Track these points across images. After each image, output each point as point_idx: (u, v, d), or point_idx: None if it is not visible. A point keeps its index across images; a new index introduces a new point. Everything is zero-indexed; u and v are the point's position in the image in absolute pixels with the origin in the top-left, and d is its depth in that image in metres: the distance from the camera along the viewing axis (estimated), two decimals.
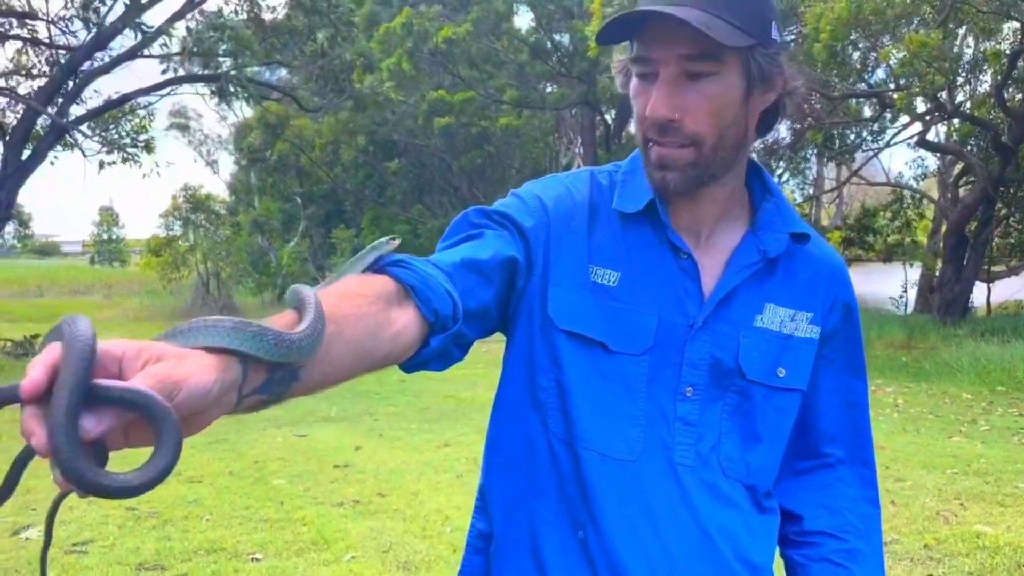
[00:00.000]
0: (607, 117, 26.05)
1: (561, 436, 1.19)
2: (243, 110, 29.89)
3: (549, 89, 24.37)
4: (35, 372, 0.65)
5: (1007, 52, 14.95)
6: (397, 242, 1.04)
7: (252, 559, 4.44)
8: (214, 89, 14.87)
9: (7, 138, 14.17)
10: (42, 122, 14.73)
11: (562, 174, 1.32)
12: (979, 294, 20.33)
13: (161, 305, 25.33)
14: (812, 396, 1.29)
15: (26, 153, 14.25)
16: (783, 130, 24.64)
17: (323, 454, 6.86)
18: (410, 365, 1.05)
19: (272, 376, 0.82)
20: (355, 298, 0.94)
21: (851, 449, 1.37)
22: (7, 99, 15.09)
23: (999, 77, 15.38)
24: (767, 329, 1.23)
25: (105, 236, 50.68)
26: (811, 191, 27.86)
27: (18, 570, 4.23)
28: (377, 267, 1.00)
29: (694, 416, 1.19)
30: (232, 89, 14.25)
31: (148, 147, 15.99)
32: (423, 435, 7.56)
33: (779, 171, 26.51)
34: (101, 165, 16.21)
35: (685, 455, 1.19)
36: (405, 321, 0.98)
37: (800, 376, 1.26)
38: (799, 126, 19.97)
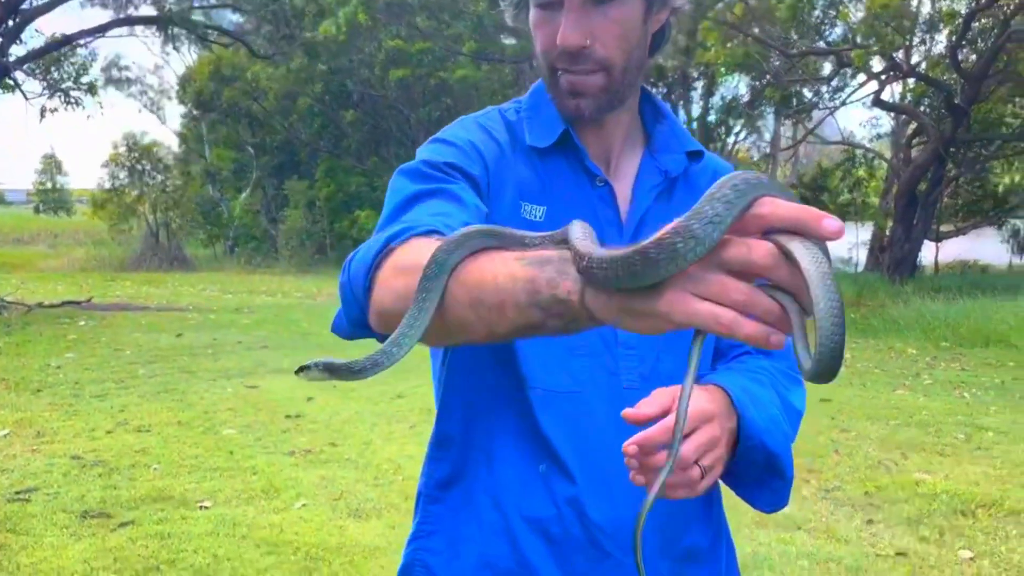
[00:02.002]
0: None
1: (512, 377, 1.19)
2: (189, 55, 29.10)
3: (509, 41, 24.03)
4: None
5: (962, 13, 15.09)
6: None
7: (200, 507, 4.40)
8: (157, 30, 14.37)
9: None
10: None
11: (472, 116, 1.30)
12: (927, 253, 20.83)
13: (109, 256, 24.81)
14: None
15: None
16: (742, 87, 24.73)
17: (275, 405, 6.80)
18: None
19: None
20: None
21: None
22: None
23: (954, 38, 15.54)
24: None
25: (49, 184, 49.21)
26: (768, 149, 28.05)
27: None
28: (420, 232, 0.97)
29: (634, 339, 1.20)
30: (177, 31, 13.79)
31: (92, 89, 15.44)
32: (377, 386, 7.53)
33: (736, 129, 26.64)
34: (43, 112, 15.65)
35: (630, 378, 1.20)
36: None
37: None
38: (757, 83, 20.05)
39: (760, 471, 1.16)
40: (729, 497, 1.26)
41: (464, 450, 1.23)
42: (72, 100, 15.19)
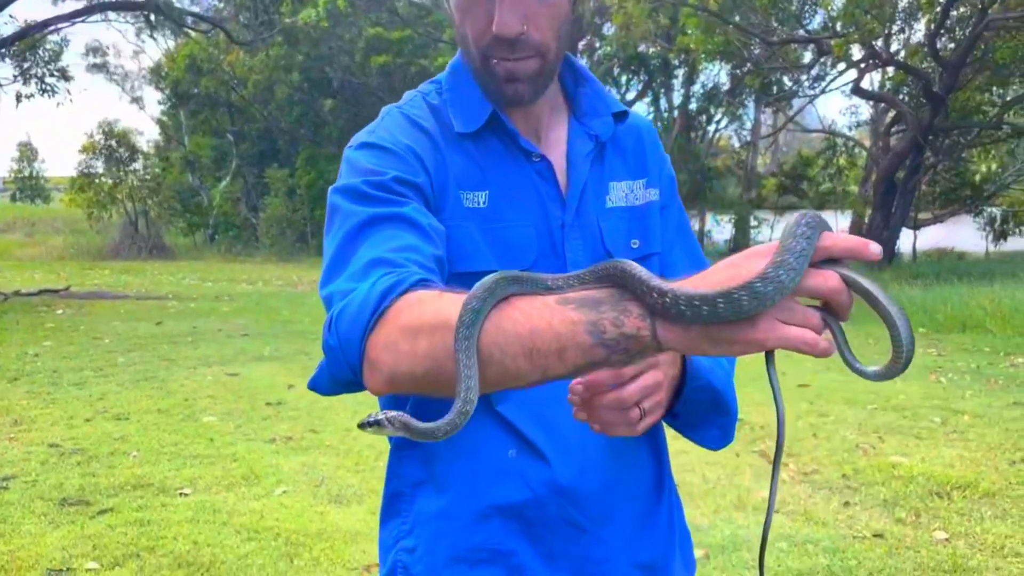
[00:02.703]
0: None
1: None
2: (165, 41, 28.79)
3: None
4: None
5: (941, 1, 15.17)
6: None
7: (180, 494, 4.38)
8: (138, 17, 14.20)
9: None
10: None
11: (397, 108, 1.23)
12: (906, 241, 21.02)
13: (87, 244, 24.55)
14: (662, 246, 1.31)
15: None
16: (723, 75, 24.78)
17: (255, 392, 6.78)
18: None
19: None
20: None
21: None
22: None
23: (932, 26, 15.63)
24: (616, 207, 1.25)
25: (26, 172, 48.57)
26: (748, 137, 28.14)
27: None
28: (411, 284, 0.95)
29: None
30: (157, 19, 13.63)
31: (64, 75, 15.22)
32: None
33: (717, 116, 26.69)
34: (18, 98, 15.45)
35: None
36: None
37: (652, 240, 1.28)
38: (738, 72, 20.10)
39: (706, 410, 1.18)
40: (706, 483, 1.27)
41: (430, 446, 1.20)
42: (47, 87, 14.99)
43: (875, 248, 0.77)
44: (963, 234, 23.96)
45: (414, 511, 1.22)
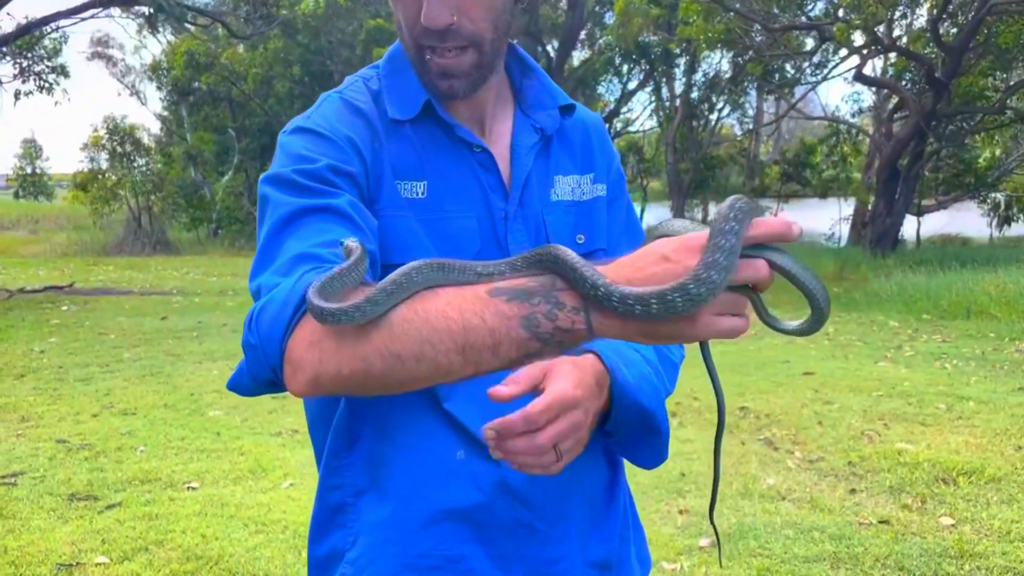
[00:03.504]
0: (549, 48, 25.80)
1: None
2: (165, 37, 28.78)
3: None
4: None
5: None
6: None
7: (188, 488, 4.40)
8: (143, 13, 14.18)
9: None
10: None
11: (336, 93, 1.20)
12: (909, 227, 20.96)
13: (91, 240, 24.60)
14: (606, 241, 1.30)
15: None
16: (724, 64, 24.70)
17: None
18: None
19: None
20: None
21: None
22: None
23: (935, 11, 15.56)
24: (561, 201, 1.23)
25: (29, 169, 48.57)
26: (750, 125, 28.05)
27: None
28: (362, 282, 0.92)
29: None
30: (161, 16, 13.60)
31: (63, 71, 15.19)
32: None
33: (719, 105, 26.60)
34: (16, 96, 15.47)
35: None
36: None
37: (598, 236, 1.26)
38: (739, 59, 20.03)
39: (636, 429, 1.14)
40: (712, 472, 1.27)
41: (372, 452, 1.16)
42: (46, 84, 14.99)
43: (797, 228, 0.81)
44: (967, 220, 23.90)
45: (359, 521, 1.16)
